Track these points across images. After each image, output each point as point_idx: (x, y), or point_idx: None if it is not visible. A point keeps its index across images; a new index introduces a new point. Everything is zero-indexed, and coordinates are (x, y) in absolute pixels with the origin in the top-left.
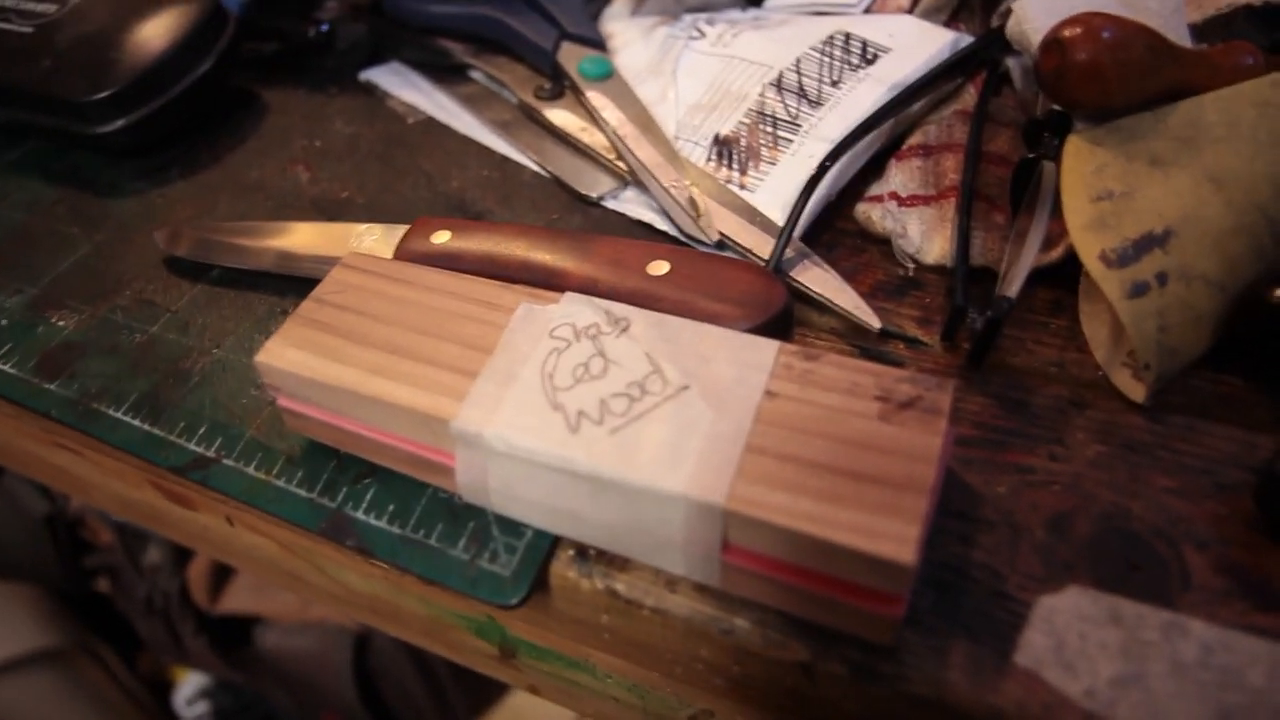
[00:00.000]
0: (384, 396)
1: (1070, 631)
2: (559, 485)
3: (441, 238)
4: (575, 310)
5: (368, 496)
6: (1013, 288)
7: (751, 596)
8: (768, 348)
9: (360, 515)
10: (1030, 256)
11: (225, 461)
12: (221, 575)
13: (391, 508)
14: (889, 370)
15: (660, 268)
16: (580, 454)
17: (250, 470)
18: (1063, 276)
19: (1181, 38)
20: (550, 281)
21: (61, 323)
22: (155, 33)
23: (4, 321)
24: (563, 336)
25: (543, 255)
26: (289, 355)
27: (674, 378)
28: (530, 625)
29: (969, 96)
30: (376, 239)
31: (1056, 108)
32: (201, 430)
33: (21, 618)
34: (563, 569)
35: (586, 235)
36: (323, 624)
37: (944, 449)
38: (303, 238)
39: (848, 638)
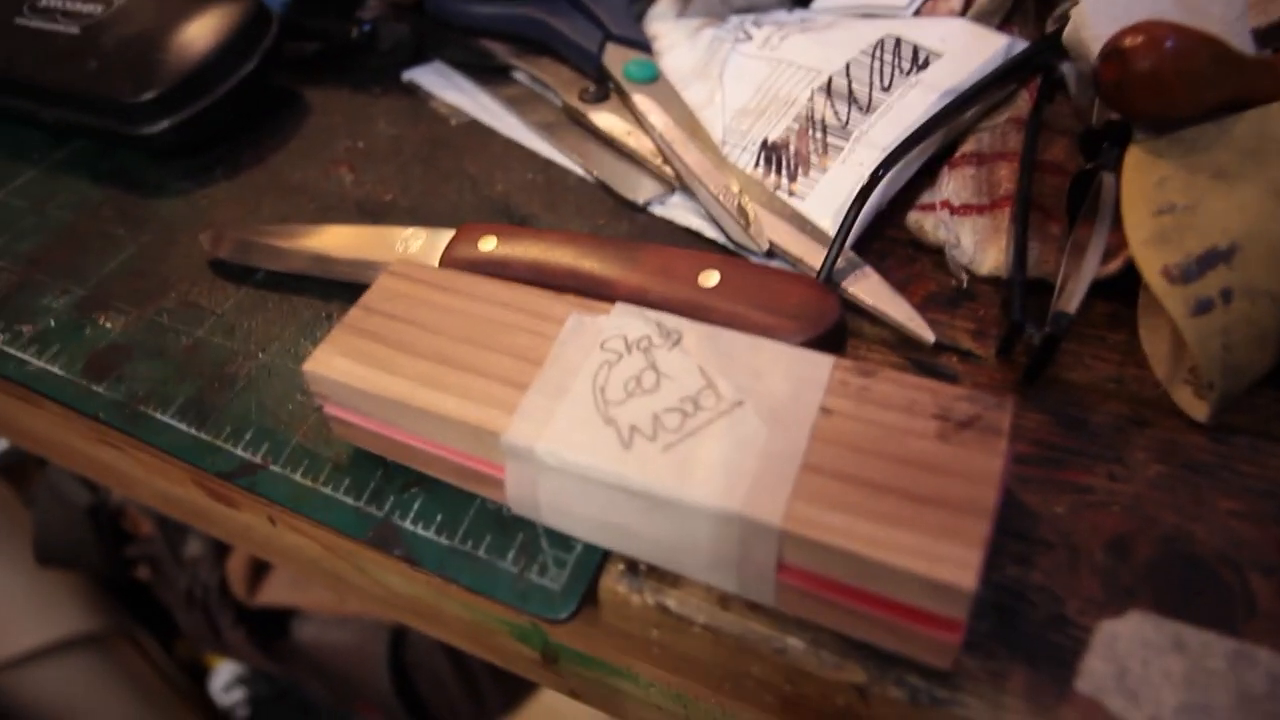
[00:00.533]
0: (433, 408)
1: (1133, 658)
2: (611, 501)
3: (488, 244)
4: (626, 322)
5: (415, 506)
6: (1072, 303)
7: (806, 617)
8: (823, 363)
9: (408, 525)
10: (1090, 270)
11: (272, 467)
12: (260, 568)
13: (439, 517)
14: (946, 388)
15: (711, 278)
16: (633, 471)
17: (297, 477)
18: (1120, 289)
19: (1245, 45)
20: (598, 291)
21: (109, 324)
22: (200, 34)
23: (52, 322)
24: (614, 349)
25: (591, 264)
26: (337, 364)
27: (728, 393)
28: (576, 636)
29: (1023, 103)
30: (422, 244)
31: (1115, 117)
32: (248, 436)
33: (64, 603)
34: (613, 583)
35: (635, 244)
36: (360, 618)
37: (1004, 469)
38: (346, 241)
39: (905, 660)
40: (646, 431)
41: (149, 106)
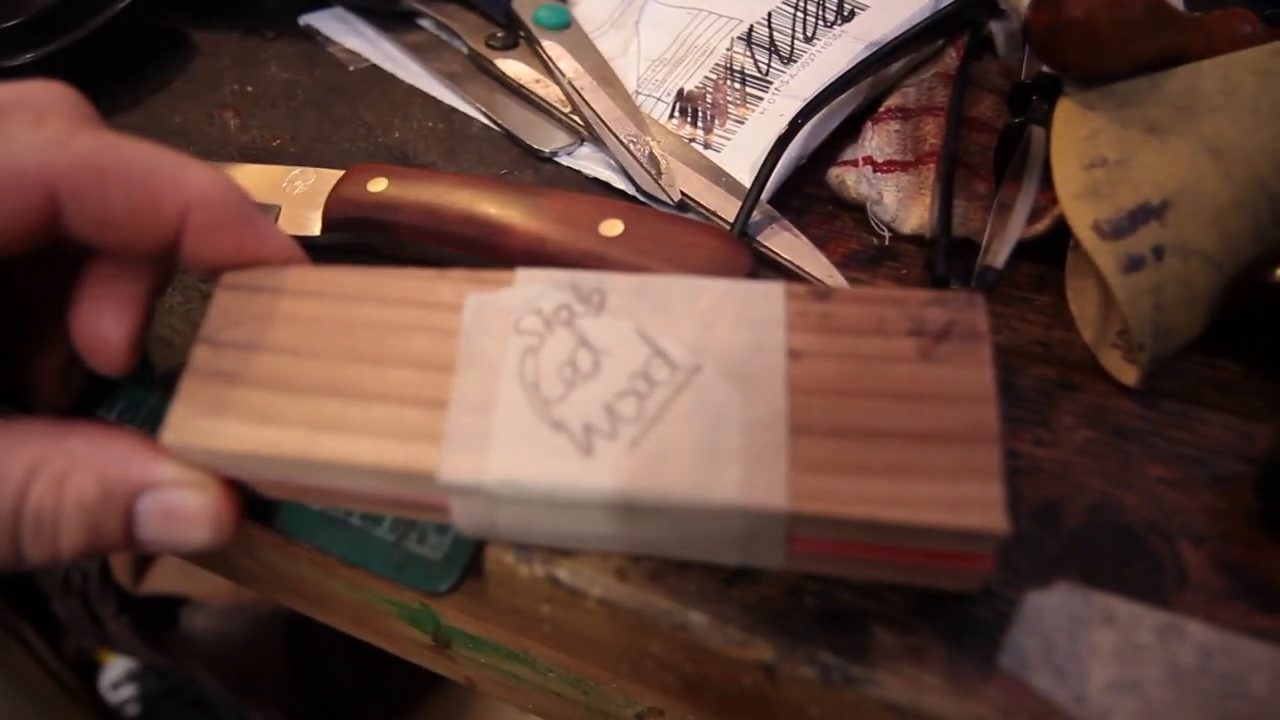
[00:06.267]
0: (342, 458)
1: (1059, 632)
2: (584, 516)
3: (378, 185)
4: (535, 291)
5: None
6: (999, 258)
7: (820, 572)
8: (773, 294)
9: None
10: (1018, 226)
11: (127, 428)
12: (146, 553)
13: None
14: (910, 294)
15: (614, 228)
16: (604, 480)
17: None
18: (1047, 250)
19: (1176, 3)
20: (494, 239)
21: None
22: None
23: None
24: (531, 330)
25: (487, 208)
26: (204, 428)
27: (680, 358)
28: (465, 615)
29: (950, 60)
30: (310, 184)
31: (1046, 71)
32: (100, 391)
33: None
34: (499, 553)
35: (536, 188)
36: (255, 607)
37: (994, 374)
38: None
39: (816, 637)
40: (603, 428)
41: (9, 37)
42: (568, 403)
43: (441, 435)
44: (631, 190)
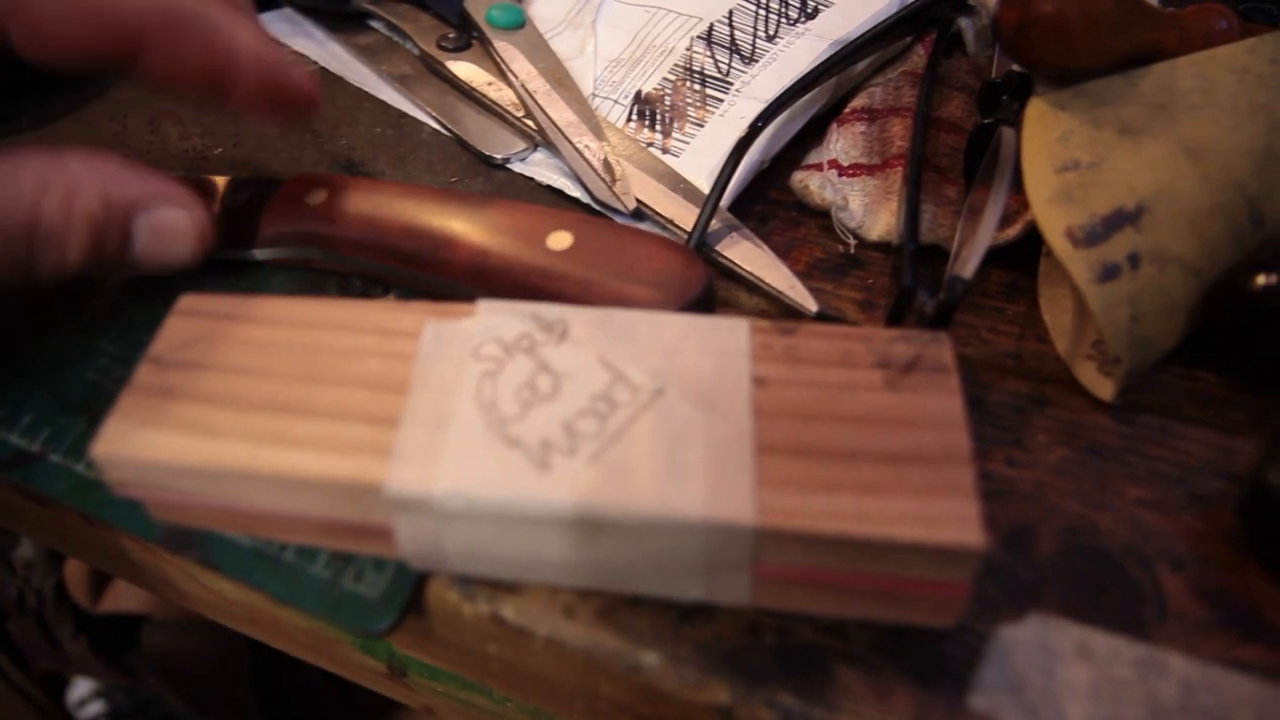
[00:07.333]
0: (284, 470)
1: (1032, 668)
2: (538, 535)
3: (317, 198)
4: (497, 321)
5: None
6: (968, 268)
7: (789, 608)
8: (738, 328)
9: None
10: (988, 233)
11: (51, 458)
12: (104, 571)
13: None
14: (876, 331)
15: (562, 240)
16: (560, 494)
17: (80, 469)
18: (1020, 256)
19: None
20: (437, 253)
21: None
22: None
23: None
24: (490, 355)
25: (430, 220)
26: (138, 439)
27: (643, 382)
28: (415, 650)
29: (918, 58)
30: (250, 196)
31: (1016, 69)
32: (25, 420)
33: None
34: (441, 590)
35: (483, 198)
36: (217, 623)
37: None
38: None
39: (775, 678)
40: (561, 445)
41: None
42: (525, 421)
43: (390, 451)
44: (586, 198)
